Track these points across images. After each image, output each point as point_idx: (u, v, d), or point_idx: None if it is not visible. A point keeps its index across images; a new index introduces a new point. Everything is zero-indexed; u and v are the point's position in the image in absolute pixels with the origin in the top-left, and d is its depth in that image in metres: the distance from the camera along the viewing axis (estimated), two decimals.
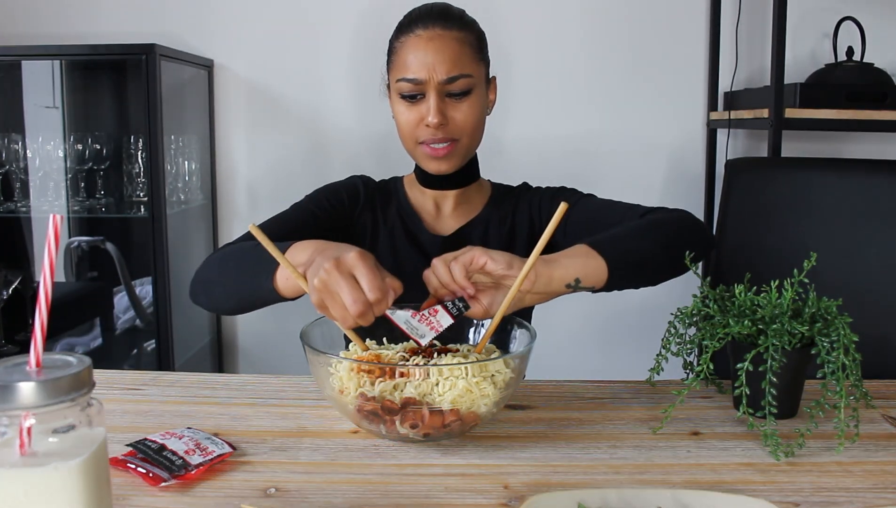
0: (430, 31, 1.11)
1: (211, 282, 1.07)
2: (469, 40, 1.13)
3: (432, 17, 1.12)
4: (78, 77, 2.20)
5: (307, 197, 1.22)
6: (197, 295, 1.10)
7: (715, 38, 2.15)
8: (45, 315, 0.51)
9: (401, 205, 1.25)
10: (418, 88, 1.11)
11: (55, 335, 2.12)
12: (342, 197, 1.23)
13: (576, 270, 0.93)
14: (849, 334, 0.84)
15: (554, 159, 2.19)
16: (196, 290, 1.10)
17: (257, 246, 1.01)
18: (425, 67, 1.10)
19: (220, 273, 1.06)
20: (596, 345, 2.28)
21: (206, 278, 1.08)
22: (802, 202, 1.51)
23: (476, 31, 1.16)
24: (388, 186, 1.28)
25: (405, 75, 1.11)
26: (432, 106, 1.10)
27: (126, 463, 0.77)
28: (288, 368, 2.16)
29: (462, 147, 1.15)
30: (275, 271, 0.96)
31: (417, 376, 0.79)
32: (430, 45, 1.10)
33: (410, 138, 1.15)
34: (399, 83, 1.12)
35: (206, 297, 1.09)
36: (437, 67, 1.10)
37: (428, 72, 1.10)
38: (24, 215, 2.07)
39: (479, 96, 1.15)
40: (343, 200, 1.22)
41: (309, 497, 0.73)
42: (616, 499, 0.69)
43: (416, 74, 1.10)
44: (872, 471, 0.79)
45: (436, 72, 1.10)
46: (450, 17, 1.13)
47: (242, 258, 1.03)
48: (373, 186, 1.27)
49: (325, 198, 1.21)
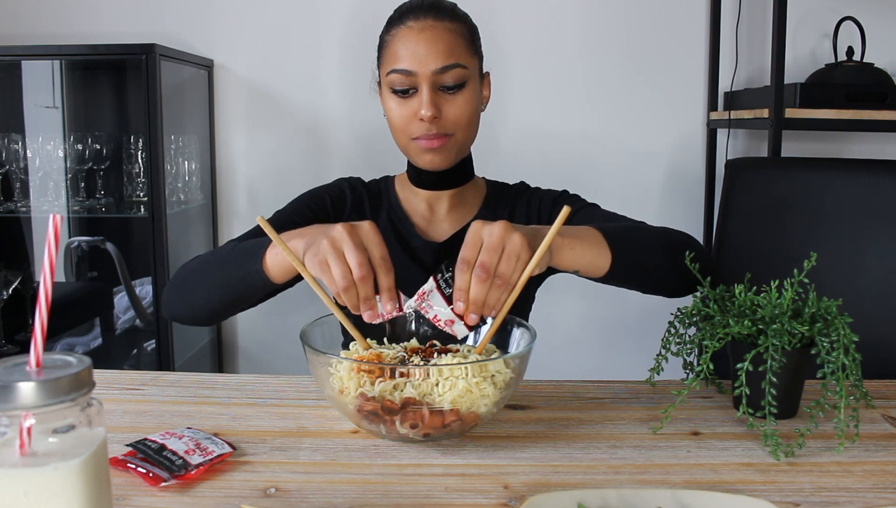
0: (421, 22, 1.09)
1: (188, 286, 1.06)
2: (462, 32, 1.11)
3: (424, 10, 1.10)
4: (78, 77, 2.20)
5: (290, 204, 1.20)
6: (172, 305, 1.09)
7: (715, 38, 2.15)
8: (45, 315, 0.51)
9: (392, 208, 1.22)
10: (410, 80, 1.08)
11: (55, 335, 2.12)
12: (325, 203, 1.20)
13: (582, 263, 0.92)
14: (849, 334, 0.84)
15: (553, 160, 2.19)
16: (171, 300, 1.09)
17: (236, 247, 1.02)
18: (417, 57, 1.07)
19: (201, 274, 1.05)
20: (596, 345, 2.28)
21: (181, 284, 1.07)
22: (802, 202, 1.51)
23: (468, 24, 1.14)
24: (378, 187, 1.25)
25: (396, 66, 1.08)
26: (425, 99, 1.07)
27: (126, 463, 0.77)
28: (288, 368, 2.17)
29: (456, 142, 1.12)
30: (264, 254, 0.95)
31: (417, 376, 0.79)
32: (421, 35, 1.08)
33: (403, 134, 1.12)
34: (390, 76, 1.09)
35: (182, 304, 1.08)
36: (430, 58, 1.07)
37: (420, 63, 1.07)
38: (24, 215, 2.07)
39: (474, 90, 1.12)
40: (326, 205, 1.20)
41: (309, 497, 0.73)
42: (616, 499, 0.69)
43: (408, 66, 1.08)
44: (872, 471, 0.79)
45: (428, 62, 1.07)
46: (441, 8, 1.11)
47: (225, 255, 1.02)
48: (361, 188, 1.24)
49: (306, 206, 1.18)
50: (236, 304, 1.05)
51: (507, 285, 0.82)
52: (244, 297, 1.03)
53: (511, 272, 0.82)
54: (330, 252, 0.82)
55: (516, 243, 0.82)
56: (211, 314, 1.08)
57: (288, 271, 0.95)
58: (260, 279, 0.96)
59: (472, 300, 0.82)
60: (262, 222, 0.85)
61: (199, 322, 1.13)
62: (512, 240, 0.82)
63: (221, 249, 1.06)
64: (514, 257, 0.82)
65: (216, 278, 1.02)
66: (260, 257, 0.95)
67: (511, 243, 0.82)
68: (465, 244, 0.83)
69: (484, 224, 0.84)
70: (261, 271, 0.95)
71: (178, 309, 1.09)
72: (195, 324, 1.13)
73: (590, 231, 0.95)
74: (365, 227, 0.85)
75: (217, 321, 1.14)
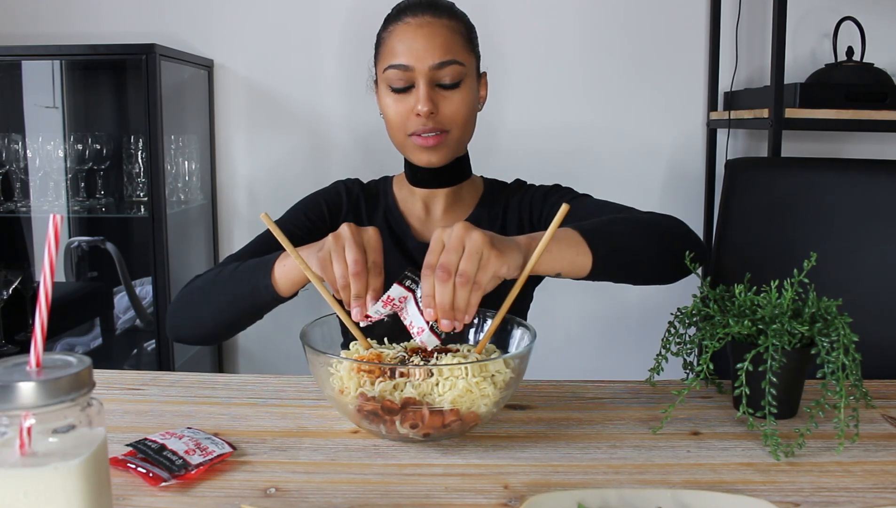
0: (419, 18, 1.09)
1: (194, 306, 1.07)
2: (459, 30, 1.11)
3: (422, 7, 1.10)
4: (78, 77, 2.20)
5: (287, 213, 1.21)
6: (178, 327, 1.10)
7: (715, 39, 2.15)
8: (45, 315, 0.51)
9: (388, 209, 1.22)
10: (407, 76, 1.08)
11: (55, 335, 2.12)
12: (322, 208, 1.20)
13: (561, 264, 0.91)
14: (849, 334, 0.84)
15: (553, 160, 2.19)
16: (177, 322, 1.10)
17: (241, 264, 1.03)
18: (414, 53, 1.07)
19: (207, 293, 1.06)
20: (596, 345, 2.28)
21: (187, 305, 1.08)
22: (802, 202, 1.51)
23: (466, 23, 1.14)
24: (376, 188, 1.25)
25: (393, 62, 1.08)
26: (422, 94, 1.07)
27: (126, 463, 0.77)
28: (288, 368, 2.17)
29: (452, 140, 1.12)
30: (272, 269, 0.96)
31: (417, 376, 0.79)
32: (419, 31, 1.08)
33: (400, 131, 1.12)
34: (387, 72, 1.09)
35: (189, 324, 1.09)
36: (427, 53, 1.07)
37: (417, 58, 1.07)
38: (24, 215, 2.07)
39: (470, 88, 1.12)
40: (323, 211, 1.20)
41: (309, 497, 0.73)
42: (616, 499, 0.69)
43: (406, 61, 1.07)
44: (872, 471, 0.79)
45: (426, 58, 1.07)
46: (439, 6, 1.11)
47: (232, 273, 1.04)
48: (357, 190, 1.24)
49: (303, 214, 1.19)
50: (243, 320, 1.06)
51: (469, 283, 0.81)
52: (252, 312, 1.04)
53: (473, 271, 0.81)
54: (333, 248, 0.86)
55: (476, 241, 0.82)
56: (219, 332, 1.10)
57: (296, 284, 0.97)
58: (269, 294, 0.98)
59: (439, 304, 0.81)
60: (267, 220, 0.86)
61: (205, 341, 1.15)
62: (471, 239, 0.82)
63: (224, 267, 1.07)
64: (475, 254, 0.81)
65: (224, 295, 1.03)
66: (269, 272, 0.96)
67: (470, 242, 0.82)
68: (428, 251, 0.84)
69: (444, 229, 0.85)
70: (270, 286, 0.97)
71: (185, 330, 1.10)
72: (201, 343, 1.15)
73: (566, 232, 0.94)
74: (369, 231, 0.88)
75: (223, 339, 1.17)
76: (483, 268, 0.82)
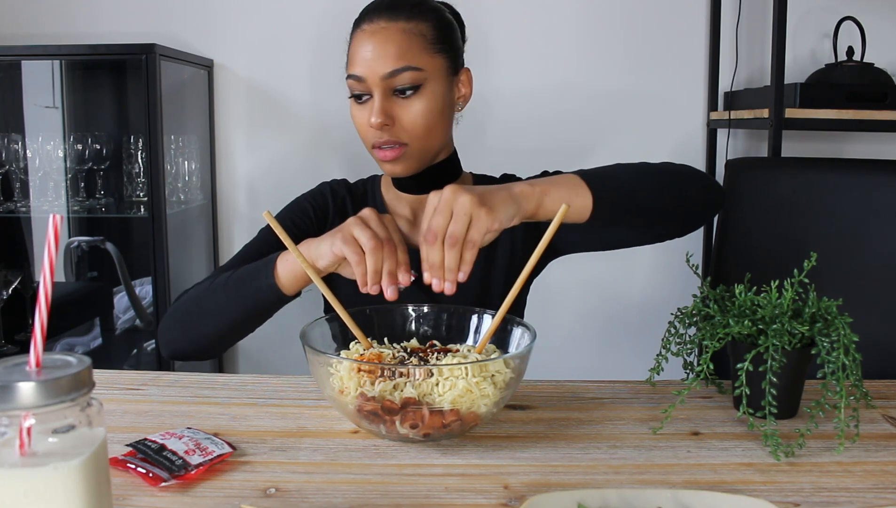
0: (374, 24, 1.05)
1: (191, 316, 1.05)
2: (420, 30, 1.05)
3: (379, 10, 1.06)
4: (78, 77, 2.20)
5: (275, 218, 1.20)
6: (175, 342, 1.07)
7: (715, 38, 2.15)
8: (45, 315, 0.51)
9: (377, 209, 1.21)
10: (362, 86, 1.05)
11: (55, 335, 2.12)
12: (308, 211, 1.18)
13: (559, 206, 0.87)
14: (849, 334, 0.84)
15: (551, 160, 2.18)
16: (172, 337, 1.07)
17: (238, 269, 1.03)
18: (366, 62, 1.03)
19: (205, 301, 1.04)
20: (596, 345, 2.28)
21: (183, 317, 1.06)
22: (802, 202, 1.51)
23: (434, 21, 1.07)
24: (364, 188, 1.23)
25: (350, 71, 1.06)
26: (375, 106, 1.03)
27: (126, 463, 0.76)
28: (288, 368, 2.17)
29: (414, 151, 1.07)
30: (275, 267, 0.96)
31: (417, 376, 0.79)
32: (371, 39, 1.04)
33: (365, 141, 1.09)
34: (348, 81, 1.07)
35: (186, 336, 1.06)
36: (378, 63, 1.03)
37: (369, 67, 1.03)
38: (24, 215, 2.07)
39: (433, 92, 1.06)
40: (309, 214, 1.18)
41: (309, 497, 0.73)
42: (616, 499, 0.69)
43: (359, 71, 1.04)
44: (872, 471, 0.79)
45: (377, 67, 1.03)
46: (398, 7, 1.06)
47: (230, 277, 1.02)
48: (343, 192, 1.22)
49: (289, 218, 1.17)
50: (246, 325, 1.04)
51: (457, 244, 0.83)
52: (255, 315, 1.03)
53: (461, 232, 0.83)
54: (356, 225, 0.88)
55: (463, 203, 0.84)
56: (219, 341, 1.07)
57: (299, 281, 0.97)
58: (273, 293, 0.97)
59: (429, 264, 0.84)
60: (269, 218, 0.87)
61: (203, 354, 1.10)
62: (459, 201, 0.84)
63: (217, 276, 1.05)
64: (464, 216, 0.83)
65: (224, 301, 1.02)
66: (271, 271, 0.96)
67: (458, 204, 0.84)
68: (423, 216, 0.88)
69: (437, 192, 0.86)
70: (273, 285, 0.96)
71: (181, 343, 1.08)
72: (199, 357, 1.10)
73: (565, 176, 0.94)
74: (387, 216, 0.93)
75: (220, 351, 1.14)
76: (474, 226, 0.84)
